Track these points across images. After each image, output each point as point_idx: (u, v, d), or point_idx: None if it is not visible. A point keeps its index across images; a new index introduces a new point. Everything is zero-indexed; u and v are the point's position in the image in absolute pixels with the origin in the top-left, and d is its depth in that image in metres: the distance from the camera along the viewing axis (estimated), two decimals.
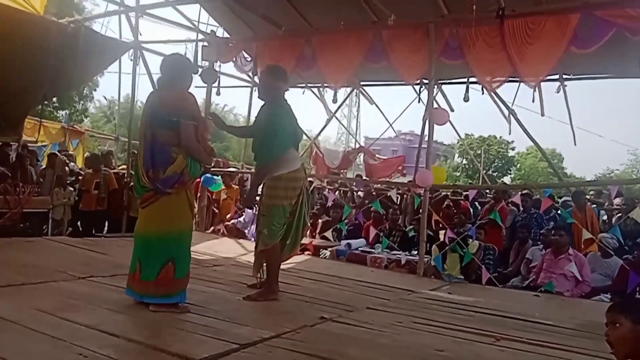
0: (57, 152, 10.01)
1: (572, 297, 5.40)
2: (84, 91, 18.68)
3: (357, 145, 15.34)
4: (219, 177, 8.58)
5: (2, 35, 6.46)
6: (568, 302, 5.21)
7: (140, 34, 8.71)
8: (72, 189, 8.39)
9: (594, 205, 7.48)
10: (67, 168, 9.08)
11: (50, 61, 6.99)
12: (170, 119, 3.40)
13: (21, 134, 9.17)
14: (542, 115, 8.03)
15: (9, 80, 7.31)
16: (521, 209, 7.41)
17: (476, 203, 8.89)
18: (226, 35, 9.05)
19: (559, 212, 7.06)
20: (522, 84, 6.45)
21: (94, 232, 7.84)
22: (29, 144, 10.37)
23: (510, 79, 6.40)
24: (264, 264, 4.18)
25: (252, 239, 7.70)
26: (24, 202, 6.81)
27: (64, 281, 4.08)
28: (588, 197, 8.01)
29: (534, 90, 6.82)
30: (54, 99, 15.39)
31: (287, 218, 4.04)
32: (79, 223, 8.27)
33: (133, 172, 3.61)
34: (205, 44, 8.13)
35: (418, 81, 8.25)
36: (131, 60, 8.74)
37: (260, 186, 4.19)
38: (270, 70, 4.27)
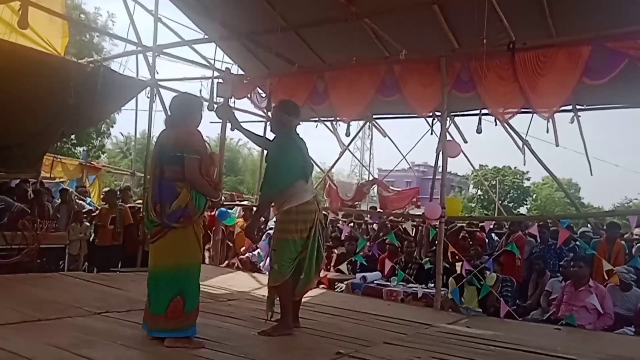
0: (67, 188, 10.15)
1: (595, 330, 5.26)
2: (102, 128, 19.06)
3: (371, 177, 15.36)
4: (233, 211, 8.62)
5: (24, 76, 6.66)
6: (590, 336, 5.08)
7: (157, 72, 8.94)
8: (88, 224, 8.49)
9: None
10: (78, 202, 9.19)
11: (70, 100, 7.16)
12: (175, 154, 3.50)
13: (40, 170, 9.35)
14: (557, 145, 8.02)
15: (30, 119, 7.51)
16: (538, 240, 7.31)
17: (492, 234, 8.79)
18: (241, 72, 9.25)
19: (577, 243, 6.95)
20: (535, 115, 6.45)
21: (109, 267, 7.87)
22: (46, 180, 10.55)
23: (523, 110, 6.41)
24: (277, 300, 4.12)
25: (267, 273, 7.67)
26: (41, 238, 6.88)
27: (80, 317, 4.08)
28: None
29: (548, 121, 6.82)
30: (72, 136, 15.72)
31: (298, 252, 3.99)
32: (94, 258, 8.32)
33: (144, 208, 3.70)
34: (221, 80, 8.29)
35: (430, 113, 8.31)
36: (148, 97, 8.94)
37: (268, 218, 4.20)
38: (282, 105, 4.37)
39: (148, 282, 3.59)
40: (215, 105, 8.22)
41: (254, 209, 5.46)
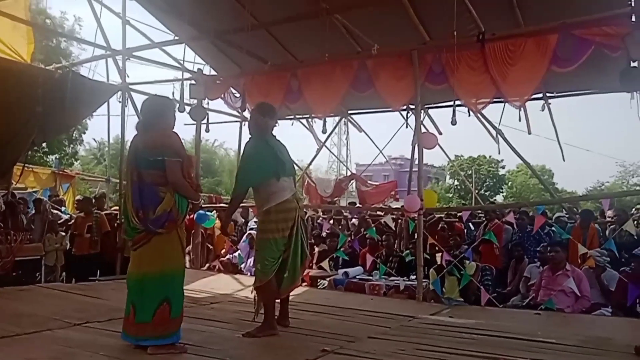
0: (41, 198, 9.95)
1: (573, 313, 5.38)
2: (74, 135, 18.71)
3: (349, 173, 15.40)
4: (212, 213, 8.55)
5: None
6: (569, 319, 5.20)
7: (128, 76, 8.79)
8: (63, 233, 8.33)
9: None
10: (53, 212, 9.01)
11: (39, 108, 7.00)
12: (155, 158, 3.44)
13: (10, 181, 9.13)
14: (529, 133, 8.15)
15: None
16: (515, 227, 7.43)
17: (470, 224, 8.90)
18: (213, 72, 9.15)
19: (552, 228, 7.08)
20: (507, 104, 6.54)
21: (88, 276, 7.74)
22: (18, 191, 10.31)
23: (495, 99, 6.50)
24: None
25: (249, 274, 7.64)
26: (15, 250, 6.73)
27: (60, 329, 4.00)
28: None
29: (520, 110, 6.92)
30: (44, 144, 15.39)
31: (281, 252, 4.03)
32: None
33: (123, 215, 3.59)
34: (193, 82, 8.21)
35: (405, 107, 8.35)
36: (119, 102, 8.79)
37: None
38: (258, 107, 4.41)
39: (130, 289, 3.51)
40: (189, 107, 8.14)
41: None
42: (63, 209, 10.62)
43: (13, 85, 6.79)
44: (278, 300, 4.24)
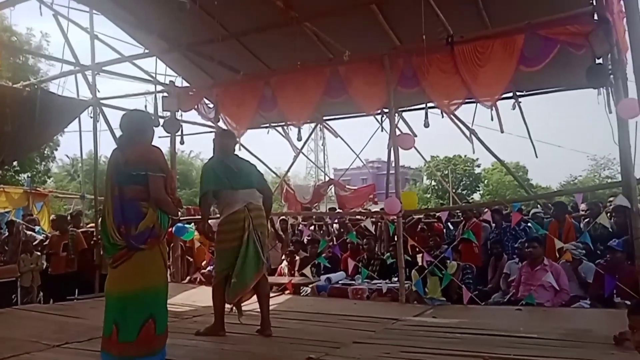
0: (14, 220, 9.74)
1: (553, 307, 5.47)
2: (45, 152, 18.35)
3: (327, 178, 15.42)
4: (191, 225, 8.48)
5: None
6: (550, 313, 5.28)
7: (99, 91, 8.67)
8: (39, 253, 8.15)
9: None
10: (26, 233, 8.83)
11: (7, 128, 6.87)
12: (138, 173, 3.39)
13: None
14: (502, 132, 8.28)
15: None
16: (493, 225, 7.53)
17: (449, 224, 8.99)
18: (185, 84, 9.10)
19: (528, 224, 7.19)
20: (479, 104, 6.65)
21: (66, 295, 7.58)
22: None
23: (467, 100, 6.59)
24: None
25: None
26: None
27: (38, 351, 3.93)
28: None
29: (491, 109, 7.04)
30: (14, 163, 15.07)
31: (230, 262, 4.26)
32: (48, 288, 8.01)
33: (103, 231, 3.48)
34: (165, 94, 8.15)
35: (379, 111, 8.42)
36: (91, 117, 8.66)
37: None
38: (219, 132, 5.07)
39: (110, 308, 3.41)
40: (162, 120, 8.07)
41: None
42: (37, 228, 10.41)
43: None
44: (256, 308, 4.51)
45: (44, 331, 4.60)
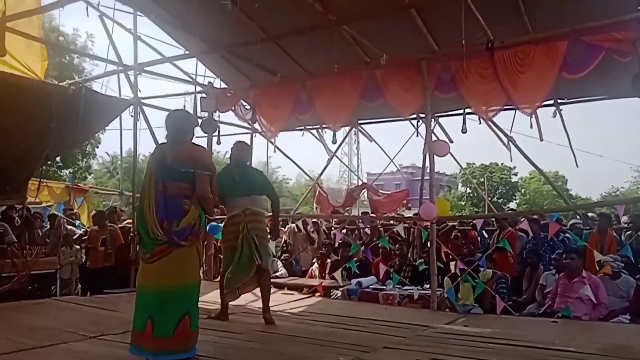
0: (56, 213, 10.06)
1: (591, 321, 5.31)
2: (87, 149, 18.90)
3: (360, 182, 15.38)
4: None
5: (4, 102, 6.59)
6: (587, 326, 5.12)
7: (140, 91, 8.90)
8: (78, 247, 8.40)
9: None
10: (67, 227, 9.09)
11: (53, 124, 7.09)
12: (186, 170, 3.48)
13: (25, 196, 9.24)
14: (541, 140, 8.09)
15: (12, 144, 7.43)
16: (530, 234, 7.36)
17: (484, 232, 8.84)
18: (223, 85, 9.23)
19: (567, 235, 7.01)
20: (518, 111, 6.52)
21: (102, 289, 7.78)
22: (33, 205, 10.43)
23: (505, 107, 6.48)
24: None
25: None
26: (31, 265, 6.80)
27: (75, 342, 4.05)
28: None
29: (531, 117, 6.90)
30: (58, 159, 15.58)
31: (230, 258, 4.89)
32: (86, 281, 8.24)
33: (141, 227, 3.52)
34: (204, 95, 8.29)
35: (415, 116, 8.36)
36: (131, 116, 8.88)
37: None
38: (233, 145, 5.36)
39: (146, 303, 3.42)
40: (200, 120, 8.22)
41: None
42: (77, 222, 10.73)
43: (28, 102, 6.90)
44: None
45: (81, 322, 4.74)
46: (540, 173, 10.92)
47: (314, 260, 8.32)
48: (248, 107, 8.34)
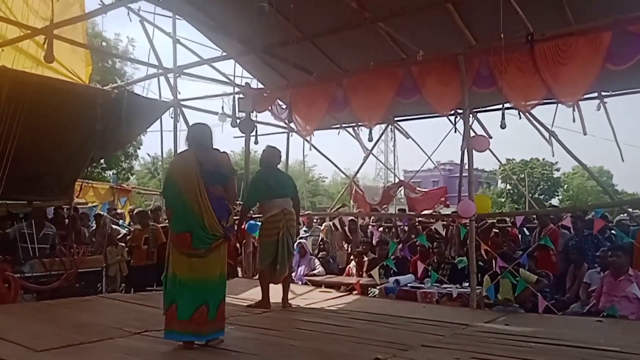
0: (101, 213, 10.38)
1: (638, 320, 5.13)
2: (129, 151, 19.44)
3: (397, 180, 15.28)
4: None
5: (52, 106, 6.85)
6: (634, 326, 4.96)
7: (179, 93, 9.11)
8: (123, 245, 8.65)
9: None
10: (112, 227, 9.37)
11: (98, 127, 7.32)
12: (226, 175, 4.02)
13: (73, 197, 9.58)
14: (585, 134, 7.86)
15: (60, 147, 7.71)
16: (572, 231, 7.16)
17: (525, 229, 8.66)
18: (260, 85, 9.34)
19: (613, 231, 6.79)
20: (560, 105, 6.35)
21: (145, 286, 8.00)
22: (80, 206, 10.79)
23: (546, 100, 6.32)
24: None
25: (300, 283, 7.71)
26: (78, 263, 7.05)
27: (121, 337, 4.17)
28: None
29: (574, 110, 6.71)
30: (102, 160, 16.08)
31: (272, 250, 5.45)
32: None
33: (197, 225, 3.88)
34: (241, 96, 8.41)
35: (452, 112, 8.25)
36: (172, 117, 9.12)
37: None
38: (264, 149, 5.98)
39: (197, 292, 3.83)
40: (238, 121, 8.34)
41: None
42: (121, 222, 11.05)
43: (74, 106, 7.15)
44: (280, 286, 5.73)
45: (126, 319, 4.88)
46: (584, 168, 10.58)
47: (352, 259, 8.33)
48: (284, 106, 8.41)
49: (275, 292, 5.77)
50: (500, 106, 6.24)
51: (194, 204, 3.87)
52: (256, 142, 8.82)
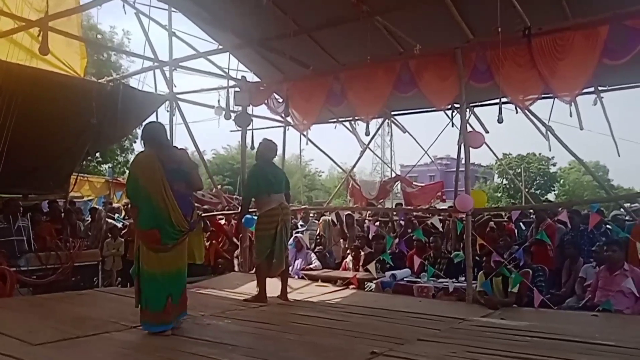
0: (97, 207, 10.35)
1: (633, 315, 5.15)
2: (125, 144, 19.34)
3: (393, 174, 15.28)
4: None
5: (47, 100, 6.83)
6: (629, 320, 4.98)
7: (175, 86, 9.07)
8: (122, 239, 8.63)
9: None
10: (107, 221, 9.34)
11: (93, 120, 7.30)
12: (187, 171, 4.20)
13: (68, 190, 9.55)
14: (581, 129, 7.88)
15: (55, 141, 7.68)
16: (569, 226, 7.17)
17: (520, 223, 8.67)
18: (256, 79, 9.30)
19: (608, 226, 6.80)
20: (557, 99, 6.34)
21: None
22: (76, 200, 10.76)
23: (543, 95, 6.31)
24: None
25: (296, 277, 7.71)
26: (74, 257, 7.03)
27: (117, 331, 4.18)
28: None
29: (570, 105, 6.71)
30: (97, 154, 16.02)
31: (270, 244, 5.56)
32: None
33: (164, 222, 4.08)
34: (237, 89, 8.37)
35: (449, 106, 8.24)
36: (167, 111, 9.08)
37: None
38: (261, 143, 6.06)
39: (165, 284, 4.06)
40: (234, 114, 8.31)
41: None
42: (117, 216, 11.02)
43: (69, 99, 7.13)
44: (278, 279, 5.88)
45: (122, 312, 4.87)
46: (580, 163, 10.63)
47: (348, 253, 8.33)
48: (281, 100, 8.39)
49: (272, 286, 5.78)
50: (497, 101, 6.23)
51: (160, 202, 4.05)
52: (252, 148, 8.76)
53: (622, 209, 8.32)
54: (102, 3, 7.00)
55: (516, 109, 6.98)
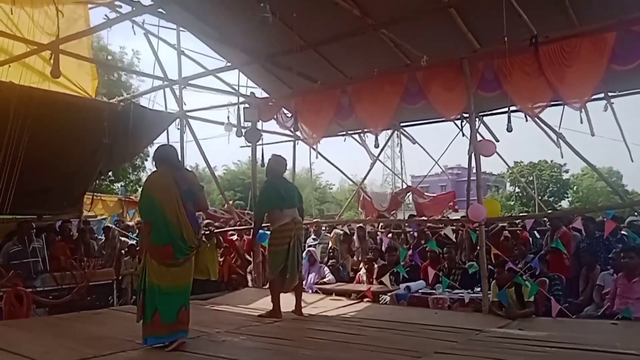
0: (110, 226, 10.41)
1: None
2: (137, 162, 19.50)
3: (404, 185, 15.23)
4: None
5: (59, 121, 6.90)
6: None
7: (185, 104, 9.15)
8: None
9: None
10: (121, 239, 9.39)
11: (105, 140, 7.37)
12: (195, 191, 4.38)
13: (81, 210, 9.62)
14: (593, 135, 7.82)
15: (67, 161, 7.75)
16: (584, 233, 7.09)
17: (535, 232, 8.59)
18: (265, 94, 9.37)
19: (624, 233, 6.72)
20: (566, 106, 6.31)
21: None
22: (90, 219, 10.83)
23: (553, 102, 6.29)
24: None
25: (310, 291, 7.68)
26: (89, 276, 7.07)
27: (133, 350, 4.18)
28: None
29: (580, 112, 6.67)
30: (110, 173, 16.16)
31: (283, 259, 5.54)
32: None
33: (177, 238, 4.23)
34: (246, 105, 8.43)
35: (458, 116, 8.22)
36: (178, 129, 9.16)
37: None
38: (271, 159, 6.13)
39: (177, 297, 4.20)
40: (244, 130, 8.36)
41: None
42: (130, 234, 11.07)
43: (81, 120, 7.19)
44: (292, 294, 5.85)
45: (138, 331, 4.83)
46: (593, 169, 10.53)
47: (361, 266, 8.29)
48: (289, 115, 8.43)
49: (287, 301, 5.76)
50: (506, 109, 6.22)
51: (174, 219, 4.21)
52: (262, 165, 8.80)
53: (637, 214, 8.21)
54: (112, 25, 7.12)
55: (526, 117, 6.94)
